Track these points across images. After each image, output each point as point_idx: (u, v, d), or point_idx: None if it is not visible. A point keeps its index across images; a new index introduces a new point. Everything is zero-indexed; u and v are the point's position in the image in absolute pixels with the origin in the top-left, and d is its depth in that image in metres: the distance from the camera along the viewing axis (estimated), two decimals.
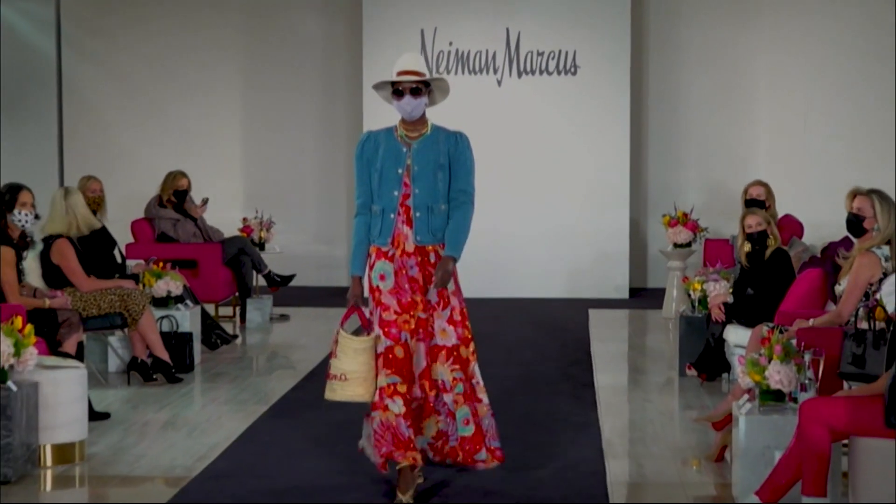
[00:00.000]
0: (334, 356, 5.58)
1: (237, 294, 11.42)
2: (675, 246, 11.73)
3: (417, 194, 5.62)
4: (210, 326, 9.89)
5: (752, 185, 9.98)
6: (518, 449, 6.64)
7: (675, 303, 11.42)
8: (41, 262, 8.30)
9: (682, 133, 14.01)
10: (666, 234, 11.85)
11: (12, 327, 6.08)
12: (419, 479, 5.81)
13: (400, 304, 5.59)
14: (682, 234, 11.66)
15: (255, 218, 12.06)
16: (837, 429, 5.08)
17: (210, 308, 10.81)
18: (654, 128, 14.05)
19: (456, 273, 5.69)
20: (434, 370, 5.61)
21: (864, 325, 5.96)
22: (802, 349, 5.68)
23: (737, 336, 7.84)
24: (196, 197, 11.51)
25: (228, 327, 10.92)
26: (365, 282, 5.71)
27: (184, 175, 11.25)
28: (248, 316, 11.39)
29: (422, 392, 5.63)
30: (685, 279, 9.47)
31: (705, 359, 8.39)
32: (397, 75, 5.66)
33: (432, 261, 5.64)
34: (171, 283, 9.09)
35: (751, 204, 9.59)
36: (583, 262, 13.42)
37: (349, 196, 13.37)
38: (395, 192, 5.63)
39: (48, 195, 8.50)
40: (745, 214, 8.45)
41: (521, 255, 13.40)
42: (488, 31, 13.41)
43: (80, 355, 7.88)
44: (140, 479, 6.21)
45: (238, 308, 11.51)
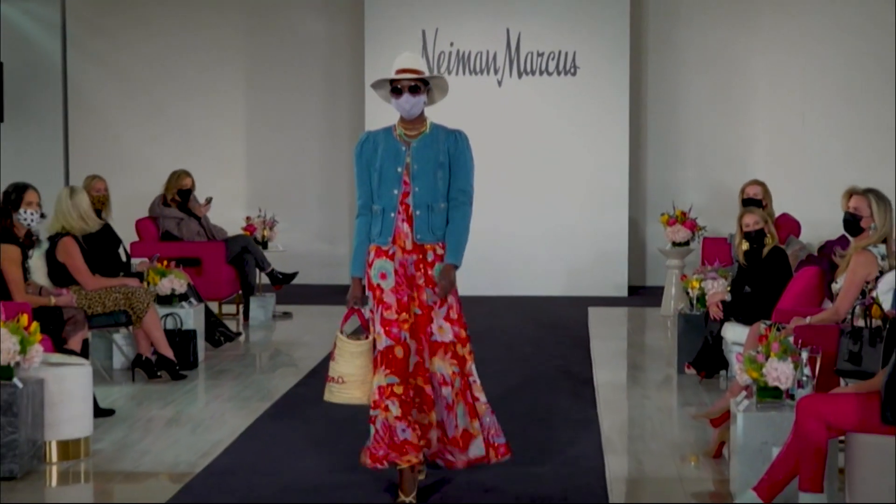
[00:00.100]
0: (333, 359, 5.57)
1: (240, 292, 11.42)
2: (674, 244, 11.72)
3: (417, 192, 5.55)
4: (214, 324, 9.89)
5: (748, 185, 9.97)
6: (518, 445, 6.63)
7: (673, 301, 11.41)
8: (47, 261, 8.29)
9: (680, 133, 14.00)
10: (664, 233, 11.83)
11: (18, 325, 6.09)
12: (421, 476, 5.81)
13: (399, 302, 5.53)
14: (681, 233, 11.65)
15: (259, 217, 12.06)
16: (834, 425, 5.08)
17: (214, 306, 10.82)
18: (652, 127, 14.04)
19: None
20: (433, 364, 5.56)
21: (860, 322, 5.97)
22: (800, 346, 5.68)
23: (735, 334, 7.83)
24: (200, 196, 11.51)
25: (232, 325, 10.92)
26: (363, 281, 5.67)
27: (188, 174, 11.25)
28: (252, 314, 11.39)
29: (417, 387, 5.57)
30: (684, 277, 9.46)
31: (703, 356, 8.39)
32: (396, 73, 5.58)
33: (430, 259, 5.57)
34: (176, 282, 9.09)
35: (748, 203, 9.57)
36: (582, 261, 13.42)
37: (351, 195, 13.36)
38: (395, 191, 5.56)
39: (54, 194, 8.49)
40: (743, 213, 8.44)
41: (521, 254, 13.39)
42: (489, 32, 13.41)
43: (85, 353, 7.89)
44: (144, 475, 6.21)
45: (241, 306, 11.51)
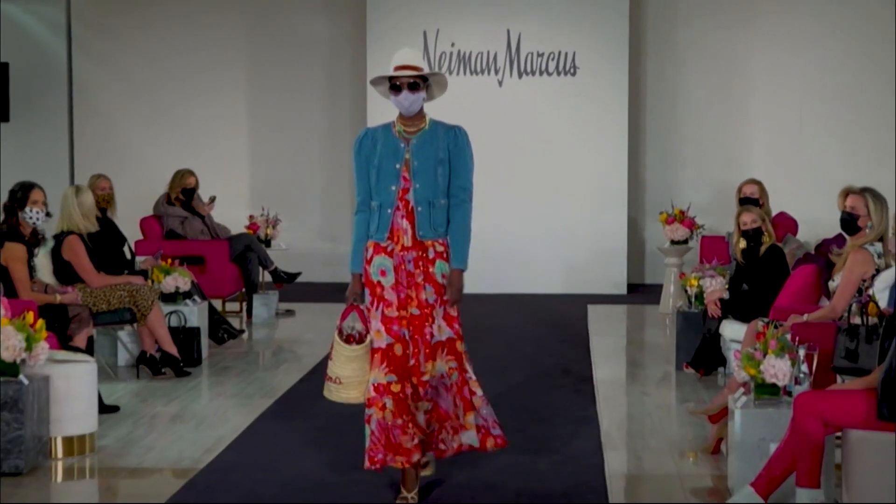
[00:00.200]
0: (331, 359, 5.52)
1: (244, 290, 11.41)
2: (672, 243, 11.71)
3: (418, 189, 5.45)
4: (217, 321, 9.89)
5: (745, 184, 9.97)
6: (519, 441, 6.64)
7: (672, 298, 11.40)
8: (52, 259, 8.30)
9: (679, 132, 14.00)
10: (663, 232, 11.83)
11: (24, 322, 6.09)
12: (428, 471, 5.76)
13: (399, 300, 5.47)
14: (679, 232, 11.64)
15: (262, 215, 12.06)
16: (831, 422, 5.08)
17: (217, 303, 10.82)
18: (651, 127, 14.04)
19: None
20: (433, 367, 5.47)
21: (857, 320, 5.97)
22: (797, 344, 5.68)
23: (732, 331, 7.83)
24: (203, 195, 11.50)
25: (235, 322, 10.92)
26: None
27: (192, 173, 11.25)
28: (255, 311, 11.39)
29: (413, 388, 5.48)
30: (682, 275, 9.46)
31: (702, 353, 8.38)
32: (395, 70, 5.47)
33: (431, 256, 5.48)
34: (180, 279, 9.09)
35: (745, 202, 9.57)
36: (582, 259, 13.41)
37: (353, 194, 13.34)
38: (393, 187, 5.46)
39: (59, 193, 8.49)
40: (741, 212, 8.44)
41: (521, 252, 13.39)
42: (489, 33, 13.40)
43: (90, 350, 7.88)
44: (149, 470, 6.21)
45: (245, 303, 11.50)
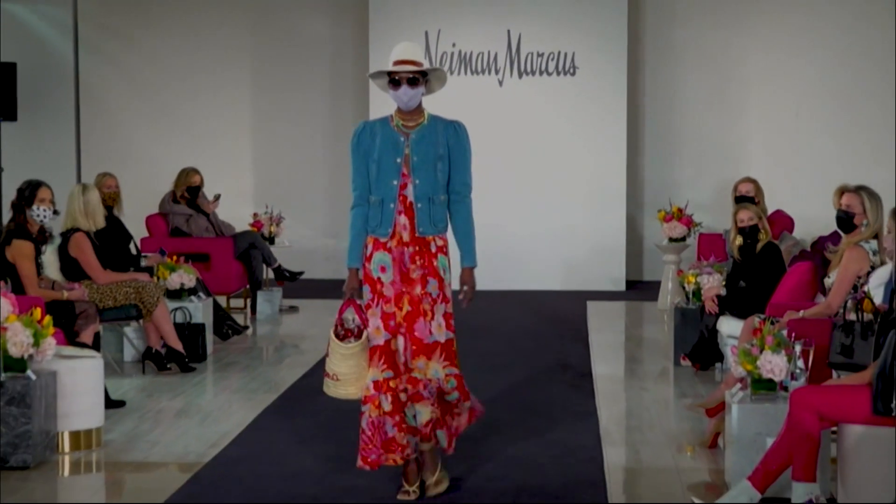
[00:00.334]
0: (328, 356, 5.43)
1: (248, 286, 11.41)
2: (670, 240, 11.71)
3: (418, 185, 5.37)
4: (222, 318, 9.89)
5: (741, 182, 9.96)
6: (519, 436, 6.65)
7: (670, 295, 11.40)
8: (59, 256, 8.29)
9: (677, 131, 13.99)
10: (661, 229, 11.83)
11: (31, 318, 6.09)
12: (443, 487, 5.62)
13: (395, 295, 5.39)
14: (677, 229, 11.64)
15: (266, 213, 12.05)
16: (827, 416, 5.08)
17: (222, 300, 10.81)
18: (650, 126, 14.03)
19: (451, 267, 5.48)
20: (428, 368, 5.36)
21: (852, 316, 5.97)
22: (793, 340, 5.68)
23: (729, 327, 7.82)
24: (208, 193, 11.50)
25: (239, 319, 10.92)
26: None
27: (196, 172, 11.25)
28: (259, 308, 11.39)
29: (408, 385, 5.40)
30: (680, 272, 9.45)
31: (699, 349, 8.38)
32: (394, 65, 5.36)
33: (433, 250, 5.40)
34: (185, 276, 9.09)
35: (741, 200, 9.55)
36: (581, 256, 13.41)
37: None
38: (395, 182, 5.36)
39: (66, 191, 8.49)
40: (738, 209, 8.43)
41: (521, 249, 13.38)
42: (490, 33, 13.39)
43: (96, 345, 7.88)
44: (154, 464, 6.22)
45: (249, 300, 11.50)
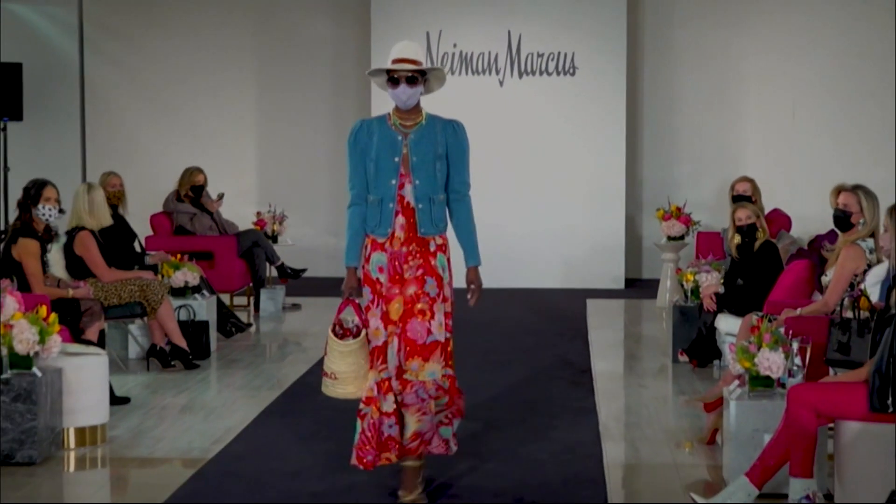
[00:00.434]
0: (326, 354, 5.34)
1: (251, 284, 11.41)
2: (669, 239, 11.71)
3: (419, 186, 5.26)
4: (225, 315, 9.90)
5: (738, 182, 9.95)
6: (519, 432, 6.66)
7: (668, 293, 11.40)
8: (65, 254, 8.29)
9: (675, 130, 13.98)
10: (660, 228, 11.83)
11: (37, 316, 6.10)
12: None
13: (391, 295, 5.26)
14: (676, 228, 11.64)
15: (269, 212, 12.05)
16: (823, 413, 5.08)
17: (225, 298, 10.82)
18: (649, 126, 14.02)
19: (450, 268, 5.39)
20: (424, 369, 5.21)
21: (849, 314, 5.97)
22: (790, 337, 5.68)
23: (728, 325, 7.82)
24: (212, 192, 11.50)
25: (243, 316, 10.92)
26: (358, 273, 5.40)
27: (200, 171, 11.25)
28: (262, 305, 11.39)
29: (399, 388, 5.27)
30: (678, 270, 9.45)
31: (697, 346, 8.38)
32: (393, 63, 5.26)
33: (432, 249, 5.29)
34: (189, 274, 9.09)
35: (738, 199, 9.55)
36: (581, 255, 13.40)
37: None
38: (393, 181, 5.25)
39: (72, 190, 8.49)
40: (736, 208, 8.42)
41: (522, 248, 13.37)
42: (491, 34, 13.38)
43: (101, 343, 7.88)
44: (159, 460, 6.22)
45: (252, 298, 11.51)
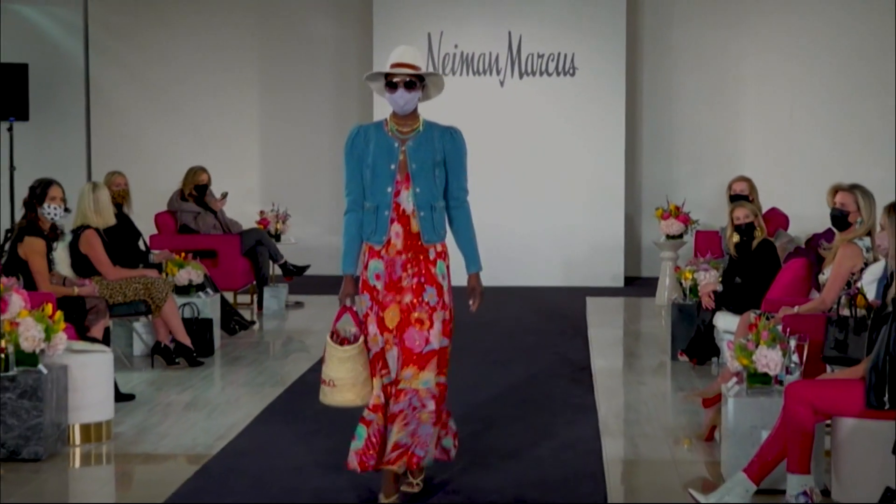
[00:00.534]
0: (324, 362, 5.26)
1: (255, 283, 11.41)
2: (668, 237, 11.71)
3: (419, 193, 5.15)
4: (229, 313, 9.90)
5: (735, 181, 9.95)
6: (519, 429, 6.66)
7: (667, 291, 11.40)
8: (70, 253, 8.30)
9: (674, 130, 13.98)
10: (659, 226, 11.83)
11: (43, 314, 6.10)
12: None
13: (388, 303, 5.17)
14: (675, 226, 11.64)
15: (272, 211, 12.06)
16: (821, 410, 5.08)
17: (229, 296, 10.82)
18: (648, 125, 14.02)
19: (450, 275, 5.28)
20: (419, 378, 5.13)
21: (846, 312, 5.97)
22: (788, 335, 5.68)
23: (726, 322, 7.82)
24: (216, 191, 11.50)
25: (246, 314, 10.92)
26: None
27: (204, 170, 11.25)
28: (265, 303, 11.39)
29: (391, 398, 5.21)
30: (677, 269, 9.46)
31: (696, 344, 8.38)
32: (391, 67, 5.16)
33: (432, 257, 5.20)
34: (193, 273, 9.09)
35: (735, 199, 9.54)
36: (581, 253, 13.40)
37: None
38: (389, 188, 5.15)
39: (77, 190, 8.49)
40: (734, 207, 8.42)
41: (522, 246, 13.37)
42: (491, 35, 13.38)
43: (106, 340, 7.89)
44: (163, 456, 6.22)
45: (255, 296, 11.50)
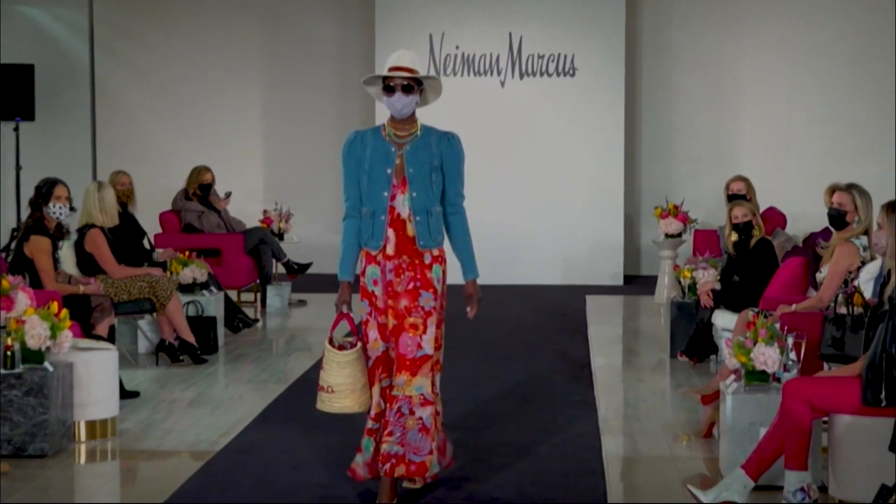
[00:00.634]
0: (322, 368, 5.16)
1: (258, 281, 11.41)
2: (667, 236, 11.71)
3: (416, 198, 5.06)
4: (233, 311, 9.90)
5: (733, 181, 9.96)
6: (519, 426, 6.66)
7: (666, 289, 11.39)
8: (75, 251, 8.30)
9: (673, 130, 13.98)
10: (658, 226, 11.83)
11: (49, 312, 6.11)
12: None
13: (383, 308, 5.11)
14: (673, 225, 11.64)
15: (275, 210, 12.06)
16: (818, 407, 5.08)
17: (233, 294, 10.81)
18: (647, 125, 14.02)
19: (445, 278, 5.18)
20: (411, 384, 5.04)
21: (843, 310, 5.97)
22: (785, 332, 5.68)
23: (724, 320, 7.82)
24: (220, 190, 11.50)
25: (250, 312, 10.90)
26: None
27: (208, 170, 11.25)
28: (269, 301, 11.39)
29: (385, 404, 5.15)
30: (676, 267, 9.45)
31: (694, 342, 8.38)
32: (389, 71, 5.07)
33: (428, 262, 5.10)
34: (197, 271, 9.10)
35: (732, 198, 9.55)
36: (580, 252, 13.40)
37: None
38: (385, 193, 5.05)
39: (82, 189, 8.49)
40: (732, 206, 8.42)
41: (523, 245, 13.38)
42: (492, 36, 13.38)
43: (111, 338, 7.89)
44: (168, 453, 6.23)
45: (259, 294, 11.50)
